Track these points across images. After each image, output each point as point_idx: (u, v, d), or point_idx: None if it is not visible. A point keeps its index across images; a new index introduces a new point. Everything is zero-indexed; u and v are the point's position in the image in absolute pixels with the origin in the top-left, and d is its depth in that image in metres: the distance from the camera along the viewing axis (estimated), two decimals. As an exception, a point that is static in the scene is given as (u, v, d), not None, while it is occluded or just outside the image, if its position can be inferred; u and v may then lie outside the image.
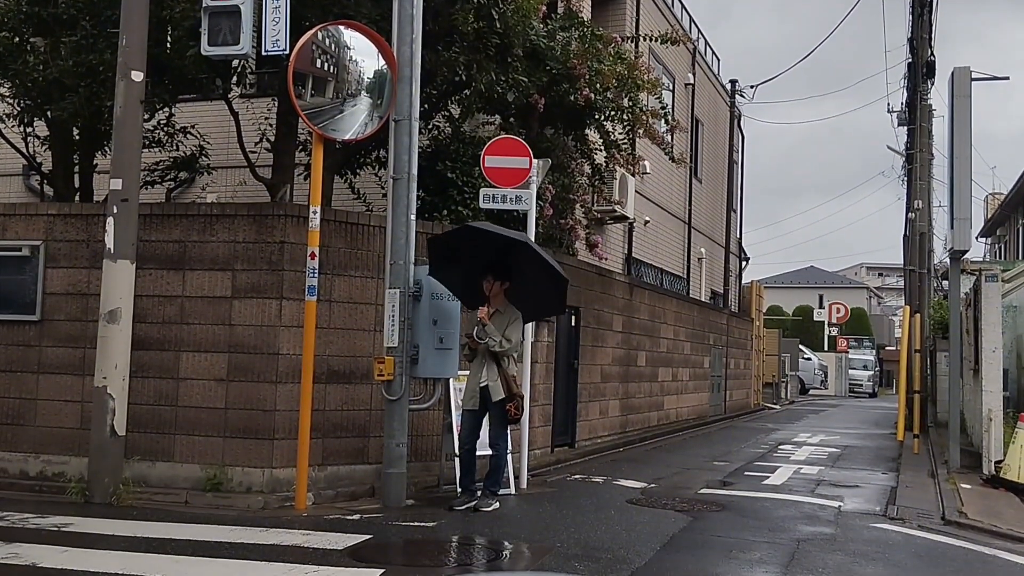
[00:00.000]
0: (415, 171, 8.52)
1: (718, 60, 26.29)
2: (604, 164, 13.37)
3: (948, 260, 13.79)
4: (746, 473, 11.59)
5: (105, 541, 6.49)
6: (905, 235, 22.69)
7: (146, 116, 9.69)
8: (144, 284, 8.59)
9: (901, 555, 7.11)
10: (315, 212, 8.06)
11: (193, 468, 8.41)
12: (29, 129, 10.97)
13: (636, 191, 16.25)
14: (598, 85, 11.55)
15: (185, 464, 8.45)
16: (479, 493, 8.28)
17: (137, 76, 8.22)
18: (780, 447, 15.17)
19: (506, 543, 7.05)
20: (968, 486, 10.52)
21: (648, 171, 16.43)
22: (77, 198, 10.89)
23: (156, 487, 8.36)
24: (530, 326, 9.63)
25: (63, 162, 10.96)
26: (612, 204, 14.66)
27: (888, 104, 49.21)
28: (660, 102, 12.82)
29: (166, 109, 11.03)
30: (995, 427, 11.15)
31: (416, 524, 7.48)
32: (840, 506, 9.19)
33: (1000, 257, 33.88)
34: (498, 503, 8.29)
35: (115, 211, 8.08)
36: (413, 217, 8.47)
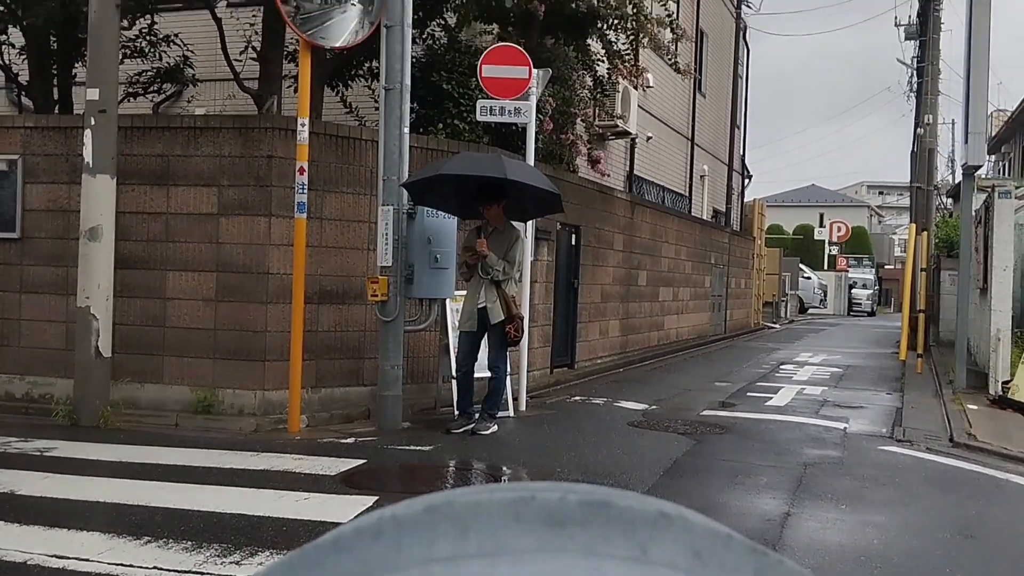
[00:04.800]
0: (408, 81, 8.08)
1: (724, -31, 25.35)
2: (606, 76, 12.87)
3: (951, 178, 13.43)
4: (748, 394, 11.40)
5: (89, 467, 6.27)
6: (913, 151, 22.19)
7: (126, 24, 9.20)
8: (127, 200, 8.23)
9: (911, 479, 6.91)
10: (303, 124, 7.66)
11: (183, 390, 8.18)
12: (3, 37, 10.46)
13: (639, 106, 15.74)
14: (601, -9, 11.01)
15: (175, 386, 8.22)
16: (477, 416, 8.05)
17: (112, -22, 7.74)
18: (782, 367, 14.99)
19: (504, 467, 6.87)
20: (975, 407, 10.33)
21: (651, 84, 15.89)
22: (56, 110, 10.45)
23: (145, 409, 8.14)
24: (530, 244, 9.29)
25: (40, 73, 10.47)
26: (614, 118, 14.17)
27: (895, 17, 47.93)
28: (665, 9, 12.24)
29: (147, 17, 10.51)
30: (1003, 347, 10.94)
31: (412, 448, 7.28)
32: (846, 428, 9.00)
33: (1004, 174, 33.35)
34: (496, 426, 8.08)
35: (93, 123, 7.68)
36: (407, 130, 8.08)
